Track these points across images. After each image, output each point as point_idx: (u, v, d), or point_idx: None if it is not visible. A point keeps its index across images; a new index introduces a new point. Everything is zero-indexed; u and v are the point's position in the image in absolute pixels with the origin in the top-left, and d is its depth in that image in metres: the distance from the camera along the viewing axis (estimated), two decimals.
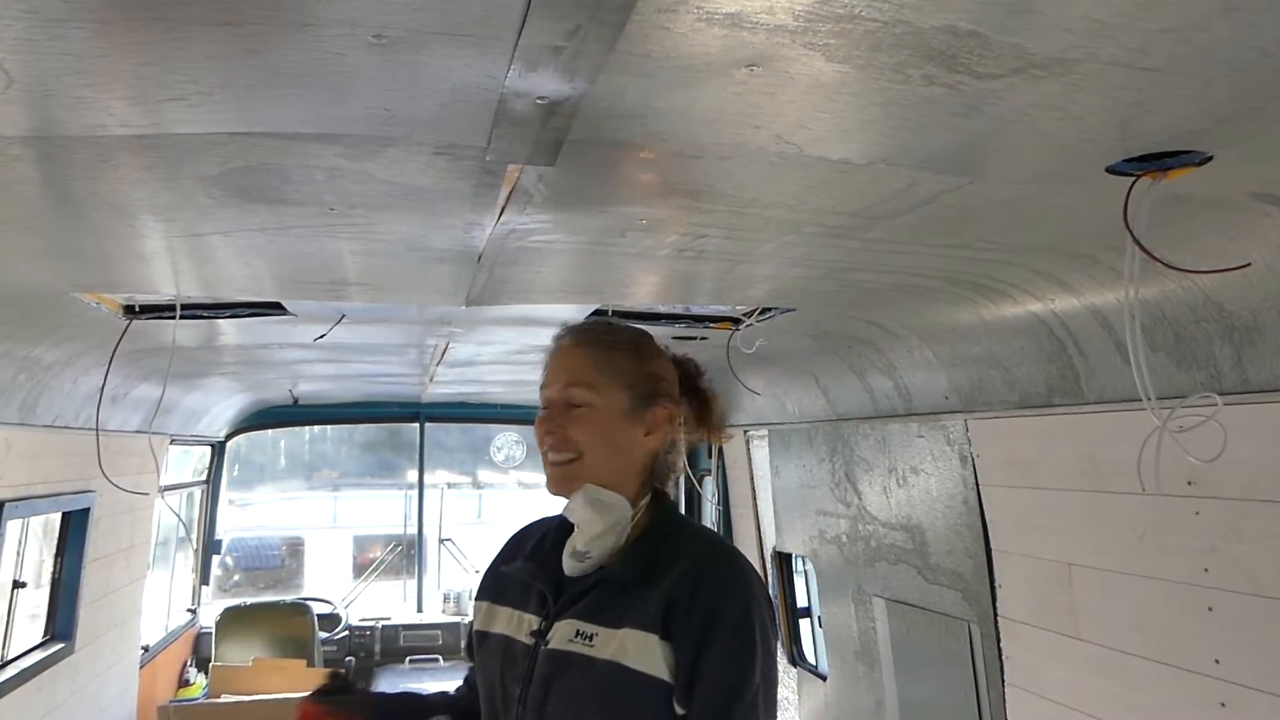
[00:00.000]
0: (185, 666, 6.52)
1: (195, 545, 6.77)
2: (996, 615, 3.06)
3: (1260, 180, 1.56)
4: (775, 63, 1.15)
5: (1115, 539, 2.50)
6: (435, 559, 8.52)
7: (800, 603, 5.24)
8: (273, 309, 3.16)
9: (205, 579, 6.89)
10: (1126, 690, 2.49)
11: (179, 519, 6.44)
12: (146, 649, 5.59)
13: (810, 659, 5.04)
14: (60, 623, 4.26)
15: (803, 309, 3.02)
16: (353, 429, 10.64)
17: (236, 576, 10.89)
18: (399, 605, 8.13)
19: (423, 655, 7.11)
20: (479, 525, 11.17)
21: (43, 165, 1.56)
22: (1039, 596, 2.85)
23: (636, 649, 1.57)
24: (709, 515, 6.21)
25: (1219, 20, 1.01)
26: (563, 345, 1.77)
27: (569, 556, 1.71)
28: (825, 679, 4.60)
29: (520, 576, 1.77)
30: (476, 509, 12.94)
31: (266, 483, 13.46)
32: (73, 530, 4.30)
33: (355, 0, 1.02)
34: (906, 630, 3.70)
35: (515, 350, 4.48)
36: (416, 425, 7.63)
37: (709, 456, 5.74)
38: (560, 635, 1.64)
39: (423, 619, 7.47)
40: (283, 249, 2.22)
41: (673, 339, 3.62)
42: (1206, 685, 2.19)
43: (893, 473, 3.68)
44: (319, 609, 7.06)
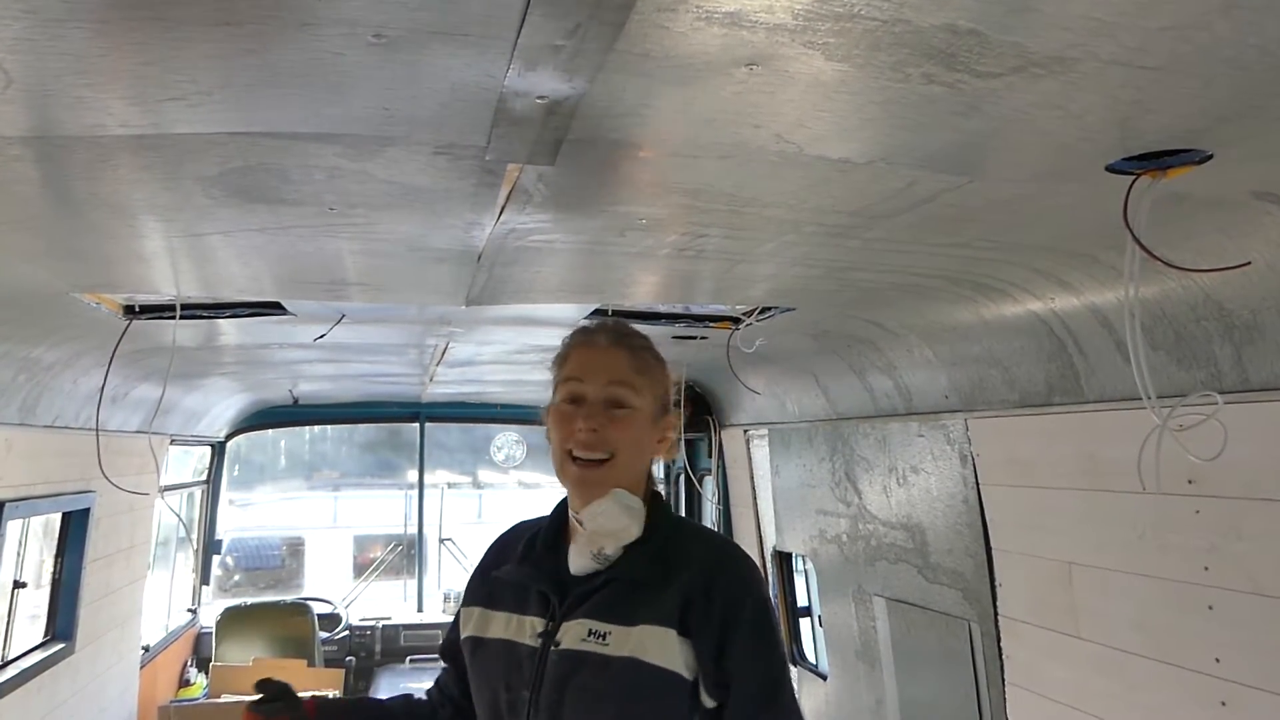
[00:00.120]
0: (186, 666, 6.53)
1: (195, 545, 6.77)
2: (997, 614, 3.06)
3: (1260, 179, 1.56)
4: (775, 62, 1.15)
5: (1115, 538, 2.49)
6: (435, 559, 8.52)
7: (800, 602, 5.25)
8: (273, 309, 3.16)
9: (205, 579, 6.88)
10: (1127, 689, 2.49)
11: (179, 519, 6.44)
12: (147, 649, 5.59)
13: (811, 658, 5.05)
14: (60, 623, 4.26)
15: (803, 308, 3.02)
16: (353, 429, 10.65)
17: (237, 576, 10.90)
18: (399, 605, 8.13)
19: (423, 655, 7.09)
20: (479, 525, 11.16)
21: (42, 165, 1.56)
22: (1039, 595, 2.85)
23: (656, 644, 1.59)
24: (709, 515, 6.21)
25: (1218, 19, 1.01)
26: (599, 343, 1.75)
27: (589, 558, 1.69)
28: (826, 678, 4.60)
29: (517, 580, 1.75)
30: (477, 509, 12.95)
31: (267, 483, 13.46)
32: (73, 530, 4.30)
33: (354, 0, 1.02)
34: (907, 629, 3.70)
35: (515, 350, 4.48)
36: (416, 425, 7.63)
37: (709, 456, 5.73)
38: (572, 635, 1.64)
39: (423, 619, 7.47)
40: (282, 249, 2.21)
41: (673, 338, 3.62)
42: (1207, 684, 2.19)
43: (893, 472, 3.68)
44: (319, 609, 7.07)
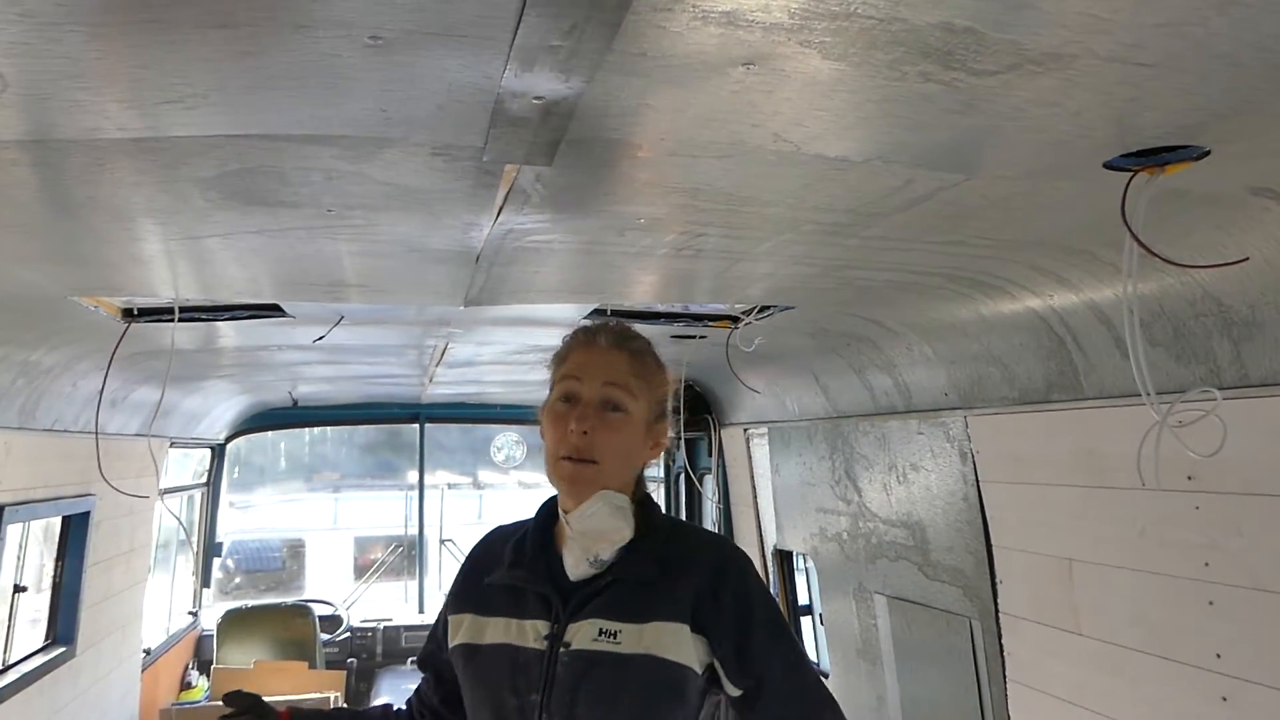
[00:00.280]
0: (187, 669, 6.53)
1: (196, 548, 6.76)
2: (997, 611, 3.06)
3: (1257, 174, 1.56)
4: (771, 61, 1.15)
5: (1115, 534, 2.50)
6: (436, 560, 8.52)
7: (801, 600, 5.25)
8: (271, 311, 3.16)
9: (206, 581, 6.88)
10: (1128, 685, 2.49)
11: (179, 522, 6.43)
12: (148, 652, 5.59)
13: (812, 656, 5.05)
14: (61, 627, 4.25)
15: (801, 307, 3.02)
16: (353, 430, 10.63)
17: (238, 579, 10.89)
18: (400, 606, 8.14)
19: None
20: (480, 525, 11.14)
21: (39, 169, 1.56)
22: (1040, 592, 2.85)
23: (671, 640, 1.61)
24: (709, 514, 6.21)
25: (1214, 15, 1.01)
26: (599, 344, 1.74)
27: (585, 564, 1.68)
28: (827, 676, 4.59)
29: (510, 583, 1.73)
30: (477, 509, 12.93)
31: (267, 485, 13.44)
32: (73, 534, 4.30)
33: (350, 1, 1.02)
34: (908, 627, 3.70)
35: (514, 350, 4.48)
36: (416, 426, 7.63)
37: (709, 455, 5.74)
38: (583, 635, 1.63)
39: (424, 620, 7.44)
40: (281, 251, 2.21)
41: (671, 338, 3.62)
42: (1208, 680, 2.19)
43: (893, 470, 3.68)
44: (320, 610, 7.07)
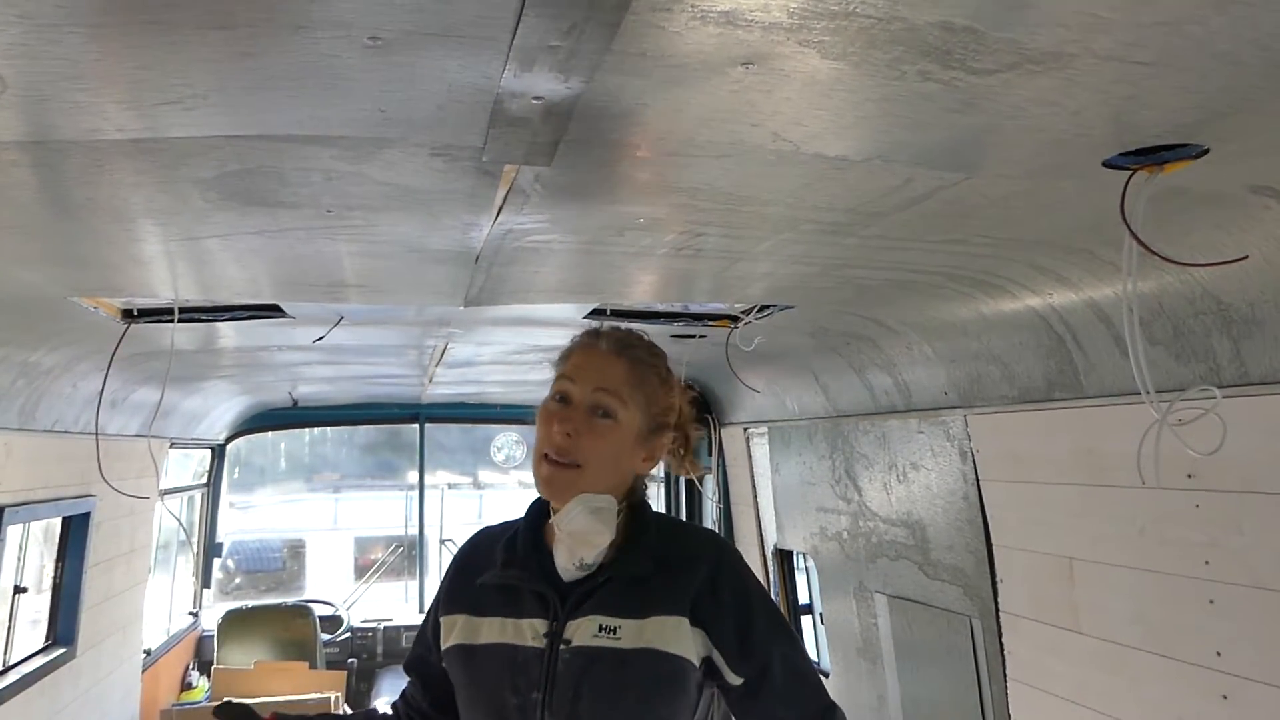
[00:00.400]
0: (187, 670, 6.53)
1: (196, 548, 6.76)
2: (998, 610, 3.06)
3: (1257, 173, 1.56)
4: (770, 60, 1.15)
5: (1115, 533, 2.50)
6: (436, 560, 8.51)
7: (802, 599, 5.25)
8: (271, 311, 3.16)
9: (206, 582, 6.88)
10: (1128, 684, 2.49)
11: (179, 523, 6.43)
12: (148, 653, 5.59)
13: (812, 656, 5.05)
14: (62, 628, 4.26)
15: (801, 306, 3.02)
16: (353, 430, 10.62)
17: (238, 579, 10.89)
18: (401, 606, 8.13)
19: None
20: (481, 525, 11.12)
21: (39, 170, 1.56)
22: (1040, 591, 2.85)
23: (671, 633, 1.63)
24: (709, 513, 6.21)
25: (1213, 13, 1.01)
26: (600, 348, 1.74)
27: (573, 567, 1.69)
28: (827, 675, 4.60)
29: (504, 583, 1.72)
30: (477, 509, 12.92)
31: (267, 485, 13.43)
32: (73, 535, 4.30)
33: (349, 2, 1.02)
34: (908, 626, 3.70)
35: (514, 350, 4.48)
36: (416, 426, 7.63)
37: (709, 454, 5.74)
38: (583, 632, 1.64)
39: None
40: (280, 251, 2.21)
41: (671, 337, 3.62)
42: (1208, 678, 2.19)
43: (893, 469, 3.68)
44: (321, 611, 7.07)
